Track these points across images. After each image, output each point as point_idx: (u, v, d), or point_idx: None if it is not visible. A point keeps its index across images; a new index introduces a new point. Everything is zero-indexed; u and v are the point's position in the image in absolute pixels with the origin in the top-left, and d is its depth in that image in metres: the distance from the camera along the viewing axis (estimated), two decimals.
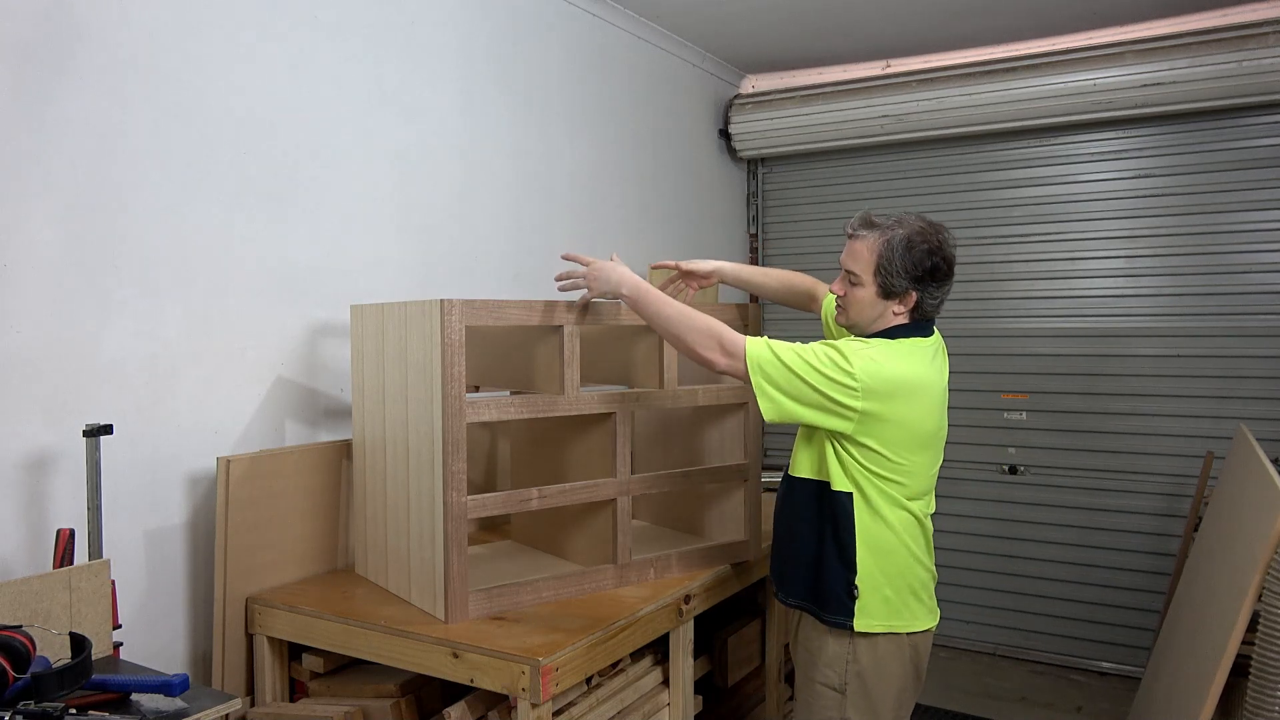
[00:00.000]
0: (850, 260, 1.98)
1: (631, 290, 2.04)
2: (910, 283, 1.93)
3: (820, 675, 1.99)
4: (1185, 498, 3.97)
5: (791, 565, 2.06)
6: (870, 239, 1.95)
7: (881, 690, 1.95)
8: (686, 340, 1.95)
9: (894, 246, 1.92)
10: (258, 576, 2.30)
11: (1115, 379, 4.13)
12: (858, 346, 1.89)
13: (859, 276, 1.96)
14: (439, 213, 3.00)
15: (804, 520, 2.02)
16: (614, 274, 2.06)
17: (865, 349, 1.89)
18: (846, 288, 2.00)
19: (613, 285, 2.06)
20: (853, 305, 1.99)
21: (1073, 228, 4.21)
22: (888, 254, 1.92)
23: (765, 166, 4.98)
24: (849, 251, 1.99)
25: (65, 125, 2.02)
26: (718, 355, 1.92)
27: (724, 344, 1.91)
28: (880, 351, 1.90)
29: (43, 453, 1.99)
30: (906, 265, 1.92)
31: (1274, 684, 1.89)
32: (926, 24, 4.02)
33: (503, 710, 2.02)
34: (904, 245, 1.92)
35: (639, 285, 2.04)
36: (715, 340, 1.92)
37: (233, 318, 2.37)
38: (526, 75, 3.36)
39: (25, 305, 1.95)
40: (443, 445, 2.02)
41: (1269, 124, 3.84)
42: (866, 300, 1.96)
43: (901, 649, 1.97)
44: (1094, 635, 4.17)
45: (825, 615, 1.97)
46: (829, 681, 1.98)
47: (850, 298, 1.99)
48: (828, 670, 1.98)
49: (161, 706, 1.63)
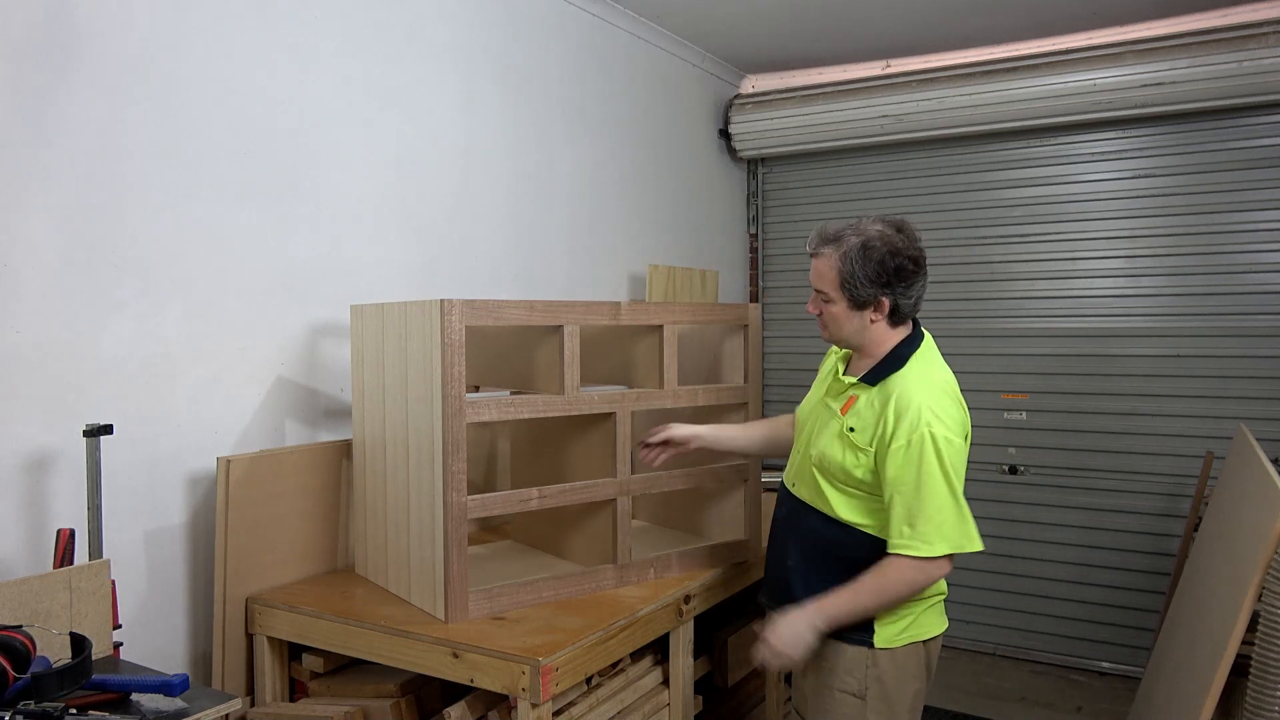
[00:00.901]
0: (816, 280, 1.97)
1: (825, 624, 1.89)
2: (878, 289, 1.91)
3: (840, 682, 1.97)
4: (1185, 498, 3.97)
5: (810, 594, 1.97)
6: (829, 255, 1.94)
7: (901, 694, 1.96)
8: (905, 597, 1.88)
9: (852, 258, 1.90)
10: (258, 576, 2.30)
11: (1115, 379, 4.13)
12: (933, 411, 1.85)
13: (828, 294, 1.96)
14: (439, 213, 3.00)
15: (843, 561, 1.95)
16: (798, 631, 1.89)
17: (928, 414, 1.84)
18: (820, 306, 1.99)
19: (806, 642, 1.89)
20: (830, 322, 1.99)
21: (1073, 228, 4.21)
22: (848, 267, 1.91)
23: (765, 166, 4.98)
24: (814, 271, 1.98)
25: (65, 125, 2.02)
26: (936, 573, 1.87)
27: (931, 574, 1.86)
28: (938, 399, 1.88)
29: (43, 453, 1.99)
30: (869, 273, 1.90)
31: (1274, 684, 1.89)
32: (926, 24, 4.02)
33: (503, 710, 2.02)
34: (861, 254, 1.89)
35: (824, 614, 1.88)
36: (925, 579, 1.86)
37: (233, 318, 2.37)
38: (526, 75, 3.36)
39: (25, 305, 1.95)
40: (443, 445, 2.02)
41: (1269, 124, 3.84)
42: (841, 315, 1.96)
43: (918, 653, 1.98)
44: (1094, 635, 4.17)
45: (845, 634, 1.96)
46: (849, 688, 1.96)
47: (826, 315, 1.99)
48: (848, 677, 1.96)
49: (161, 706, 1.63)
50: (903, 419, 1.85)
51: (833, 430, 1.98)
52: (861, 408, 1.94)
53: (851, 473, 1.92)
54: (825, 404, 2.06)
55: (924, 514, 1.82)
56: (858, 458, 1.91)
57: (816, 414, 2.07)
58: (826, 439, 1.98)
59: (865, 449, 1.90)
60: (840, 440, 1.95)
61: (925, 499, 1.82)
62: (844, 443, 1.94)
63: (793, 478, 2.10)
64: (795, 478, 2.09)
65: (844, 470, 1.93)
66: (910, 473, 1.83)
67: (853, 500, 1.95)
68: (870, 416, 1.92)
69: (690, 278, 4.08)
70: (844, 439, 1.94)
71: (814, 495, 2.01)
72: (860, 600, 1.88)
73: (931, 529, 1.82)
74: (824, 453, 1.96)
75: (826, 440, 1.98)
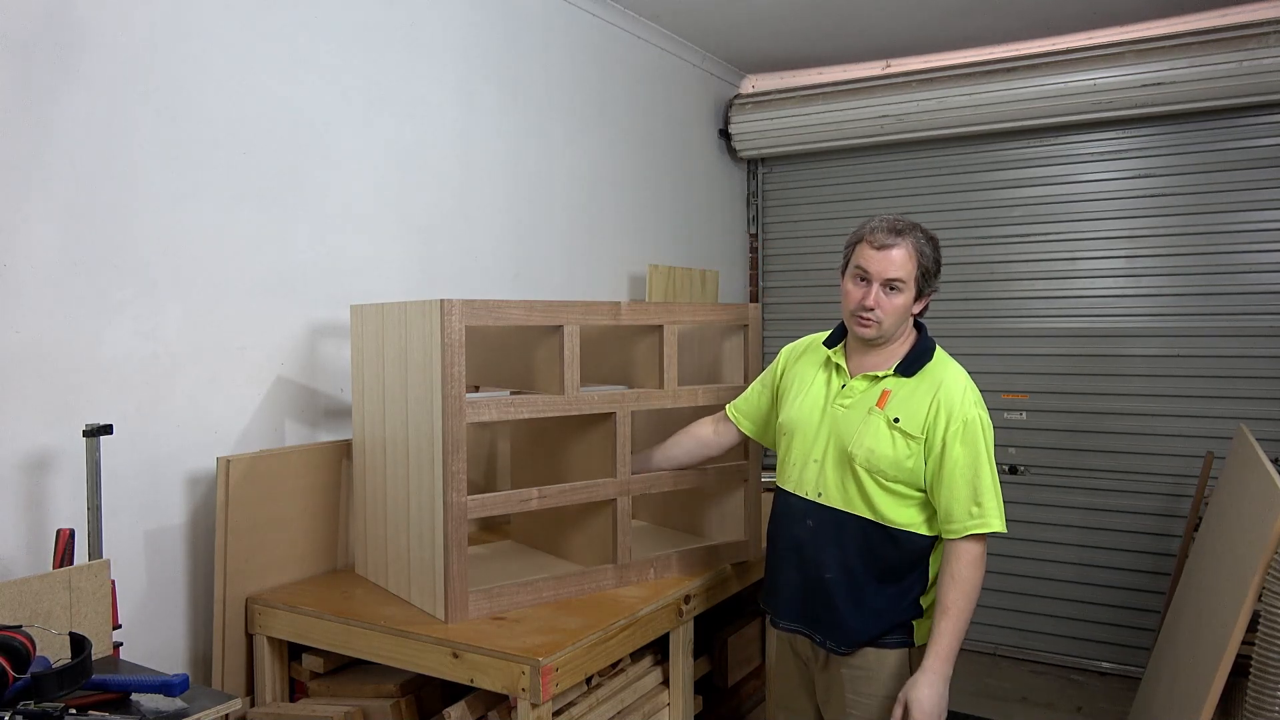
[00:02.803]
0: (892, 269, 1.93)
1: (948, 668, 1.87)
2: (937, 279, 2.00)
3: (884, 688, 1.96)
4: (1185, 498, 3.97)
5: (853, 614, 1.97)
6: (907, 244, 1.94)
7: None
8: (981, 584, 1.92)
9: (925, 250, 1.96)
10: (258, 576, 2.30)
11: (1115, 379, 4.13)
12: (974, 396, 1.96)
13: (903, 283, 1.94)
14: (438, 213, 3.00)
15: (889, 566, 1.96)
16: (937, 695, 1.85)
17: (970, 397, 1.95)
18: (883, 298, 1.95)
19: (946, 699, 1.87)
20: (891, 314, 1.95)
21: (1073, 228, 4.21)
22: (925, 256, 1.95)
23: (765, 166, 4.98)
24: (886, 261, 1.93)
25: (65, 125, 2.02)
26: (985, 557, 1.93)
27: (985, 554, 1.92)
28: (971, 385, 1.98)
29: (43, 453, 1.99)
30: (937, 262, 1.98)
31: (1274, 684, 1.89)
32: (926, 24, 4.02)
33: (503, 710, 2.02)
34: (931, 246, 1.97)
35: (943, 659, 1.86)
36: (984, 560, 1.91)
37: (233, 318, 2.37)
38: (526, 75, 3.36)
39: (25, 305, 1.95)
40: (443, 445, 2.02)
41: (1269, 124, 3.84)
42: (904, 306, 1.97)
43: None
44: (1094, 635, 4.17)
45: (883, 639, 1.97)
46: (892, 693, 1.94)
47: (888, 307, 1.95)
48: (891, 682, 1.96)
49: (161, 706, 1.63)
50: (954, 403, 1.92)
51: (875, 426, 1.96)
52: (903, 398, 1.96)
53: (903, 464, 1.93)
54: (840, 405, 2.02)
55: (985, 491, 1.89)
56: (910, 446, 1.93)
57: (833, 418, 2.02)
58: (871, 436, 1.95)
59: (916, 436, 1.93)
60: (890, 432, 1.94)
61: (982, 477, 1.89)
62: (893, 433, 1.94)
63: (817, 488, 2.02)
64: (820, 487, 2.01)
65: (895, 463, 1.93)
66: (969, 454, 1.90)
67: (899, 500, 1.95)
68: (916, 405, 1.94)
69: (690, 278, 4.08)
70: (892, 430, 1.94)
71: (856, 500, 1.97)
72: (958, 619, 1.87)
73: (994, 505, 1.89)
74: (872, 449, 1.94)
75: (872, 437, 1.95)
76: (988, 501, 1.88)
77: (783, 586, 2.09)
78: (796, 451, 2.08)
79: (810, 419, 2.07)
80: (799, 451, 2.07)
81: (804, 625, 2.05)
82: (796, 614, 2.06)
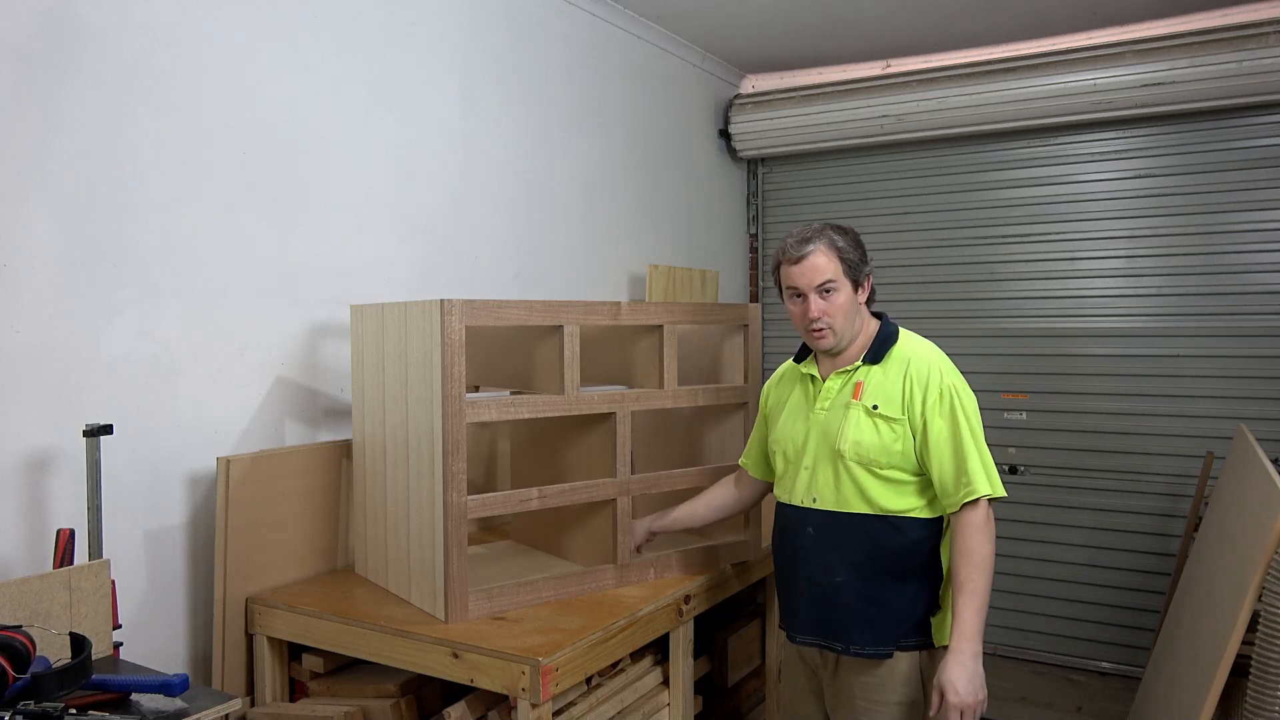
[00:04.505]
0: (817, 275, 1.95)
1: (978, 644, 1.84)
2: (865, 264, 2.02)
3: (897, 695, 1.96)
4: (1185, 498, 3.97)
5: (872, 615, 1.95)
6: (821, 246, 1.97)
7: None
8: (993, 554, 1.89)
9: (838, 242, 1.98)
10: (258, 576, 2.30)
11: (1115, 379, 4.13)
12: (946, 368, 1.98)
13: (834, 283, 1.96)
14: (439, 213, 3.00)
15: (896, 556, 1.95)
16: (970, 672, 1.82)
17: (941, 366, 1.97)
18: (824, 305, 1.96)
19: (981, 677, 1.84)
20: (838, 315, 1.97)
21: (1073, 228, 4.21)
22: (842, 250, 1.97)
23: (765, 166, 4.98)
24: (809, 269, 1.95)
25: (66, 125, 2.02)
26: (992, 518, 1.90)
27: (992, 518, 1.90)
28: (943, 358, 2.00)
29: (43, 453, 1.99)
30: (856, 250, 2.00)
31: (1274, 684, 1.89)
32: (926, 24, 4.02)
33: (503, 710, 2.02)
34: (841, 236, 1.99)
35: (969, 638, 1.83)
36: (992, 524, 1.89)
37: (233, 318, 2.37)
38: (526, 75, 3.36)
39: (25, 305, 1.95)
40: (443, 445, 2.02)
41: (1269, 124, 3.84)
42: (847, 302, 1.98)
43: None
44: (1094, 635, 4.17)
45: (900, 643, 1.96)
46: (905, 699, 1.95)
47: (832, 309, 1.96)
48: (903, 688, 1.96)
49: (161, 706, 1.63)
50: (926, 377, 1.95)
51: (855, 417, 1.97)
52: (877, 384, 1.98)
53: (890, 447, 1.93)
54: (821, 409, 2.03)
55: (969, 457, 1.89)
56: (893, 428, 1.94)
57: (816, 423, 2.03)
58: (854, 428, 1.96)
59: (898, 418, 1.94)
60: (871, 420, 1.95)
61: (964, 445, 1.90)
62: (874, 420, 1.95)
63: (811, 494, 2.02)
64: (814, 493, 2.02)
65: (884, 449, 1.94)
66: (948, 425, 1.92)
67: (895, 487, 1.95)
68: (890, 387, 1.96)
69: (690, 278, 4.08)
70: (873, 417, 1.95)
71: (851, 497, 1.97)
72: (975, 593, 1.84)
73: (979, 470, 1.89)
74: (858, 441, 1.95)
75: (855, 429, 1.96)
76: (973, 467, 1.88)
77: (795, 600, 2.08)
78: (788, 463, 2.09)
79: (796, 430, 2.08)
80: (790, 463, 2.09)
81: (822, 638, 2.02)
82: (812, 626, 2.04)
